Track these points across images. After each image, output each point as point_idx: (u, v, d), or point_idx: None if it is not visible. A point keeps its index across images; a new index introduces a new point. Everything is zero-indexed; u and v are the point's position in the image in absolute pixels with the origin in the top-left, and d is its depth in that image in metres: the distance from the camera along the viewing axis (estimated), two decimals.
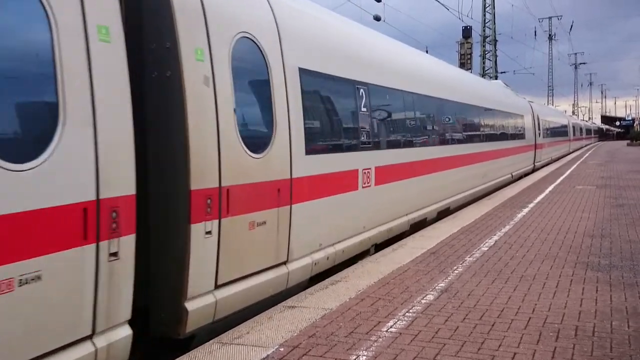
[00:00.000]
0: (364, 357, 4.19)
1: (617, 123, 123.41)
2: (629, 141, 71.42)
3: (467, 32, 37.93)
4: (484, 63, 43.22)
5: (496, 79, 39.93)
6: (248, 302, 5.45)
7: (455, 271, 6.74)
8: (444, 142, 11.87)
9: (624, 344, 4.39)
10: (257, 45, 5.68)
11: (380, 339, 4.55)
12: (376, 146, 8.41)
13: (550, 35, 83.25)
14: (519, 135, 20.96)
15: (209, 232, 4.81)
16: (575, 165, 27.52)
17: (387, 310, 5.29)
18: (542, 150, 26.58)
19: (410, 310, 5.27)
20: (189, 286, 4.67)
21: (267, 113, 5.86)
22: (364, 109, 7.98)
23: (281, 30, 6.12)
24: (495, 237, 8.85)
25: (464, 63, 37.10)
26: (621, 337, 4.54)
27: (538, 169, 25.29)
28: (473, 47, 38.82)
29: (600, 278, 6.36)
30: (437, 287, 6.05)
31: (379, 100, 8.65)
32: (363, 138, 7.97)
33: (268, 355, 4.23)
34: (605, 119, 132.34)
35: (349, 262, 7.49)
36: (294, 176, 6.11)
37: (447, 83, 13.03)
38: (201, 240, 4.75)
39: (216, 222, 4.89)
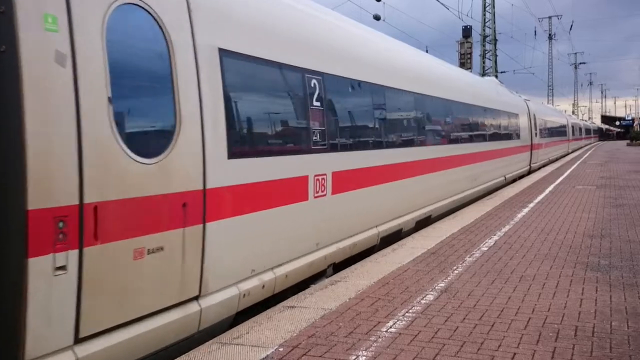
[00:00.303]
0: (364, 357, 4.19)
1: (617, 123, 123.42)
2: (628, 141, 71.45)
3: (467, 31, 37.92)
4: (484, 62, 43.22)
5: (496, 78, 39.93)
6: (136, 357, 4.17)
7: (455, 271, 6.74)
8: (423, 143, 10.45)
9: (624, 344, 4.39)
10: (152, 16, 4.38)
11: (380, 339, 4.55)
12: (333, 148, 7.07)
13: (550, 34, 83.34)
14: (513, 135, 19.67)
15: (61, 268, 3.56)
16: (575, 165, 27.52)
17: (387, 310, 5.29)
18: (538, 151, 25.53)
19: (410, 311, 5.27)
20: (28, 344, 3.42)
21: (166, 104, 4.49)
22: (316, 103, 6.65)
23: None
24: (495, 237, 8.85)
25: (464, 62, 37.09)
26: (621, 338, 4.53)
27: (534, 170, 24.44)
28: (473, 47, 38.80)
29: (600, 278, 6.36)
30: (437, 287, 6.05)
31: (339, 94, 7.41)
32: (315, 138, 6.63)
33: (267, 356, 4.23)
34: (605, 119, 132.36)
35: (300, 286, 6.39)
36: (209, 186, 4.77)
37: (428, 77, 11.56)
38: (47, 279, 3.50)
39: (75, 252, 3.65)
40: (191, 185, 4.60)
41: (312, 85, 6.62)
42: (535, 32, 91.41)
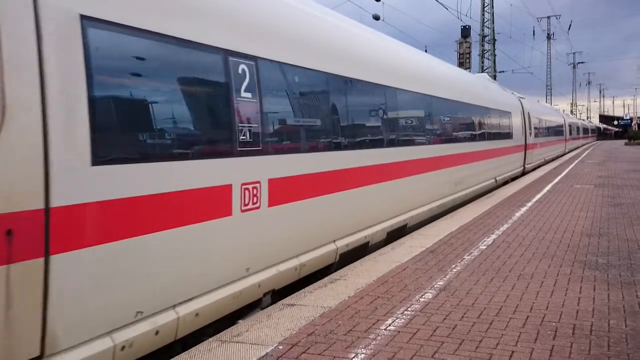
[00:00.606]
0: (363, 355, 4.21)
1: (615, 122, 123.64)
2: (627, 140, 71.56)
3: (465, 31, 37.98)
4: (482, 62, 43.28)
5: (495, 78, 39.95)
6: None
7: (454, 270, 6.77)
8: (394, 143, 9.14)
9: (622, 343, 4.41)
10: None
11: (379, 337, 4.57)
12: (270, 149, 5.76)
13: (548, 34, 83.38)
14: (504, 135, 18.33)
15: None
16: (573, 165, 27.56)
17: (386, 308, 5.31)
18: (533, 151, 24.33)
19: (409, 309, 5.29)
20: None
21: None
22: (246, 94, 5.35)
23: None
24: (494, 236, 8.87)
25: (463, 62, 37.14)
26: (619, 336, 4.56)
27: (529, 171, 23.18)
28: (472, 47, 38.86)
29: (598, 277, 6.39)
30: (435, 286, 6.07)
31: (279, 83, 6.14)
32: (243, 137, 5.30)
33: (267, 353, 4.24)
34: (604, 118, 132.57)
35: (220, 324, 5.14)
36: (57, 204, 3.50)
37: (403, 69, 10.05)
38: None
39: None
40: (21, 204, 3.30)
41: (241, 71, 5.32)
42: (533, 31, 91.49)
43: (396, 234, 9.15)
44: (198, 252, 4.75)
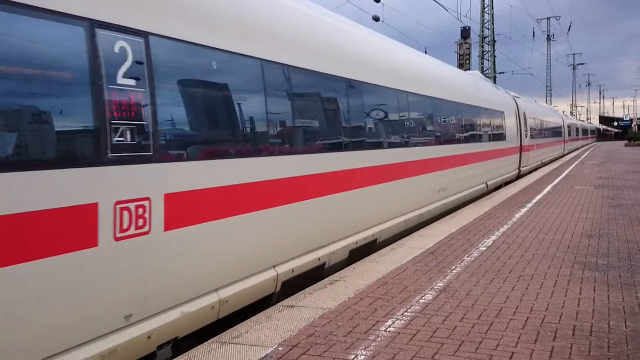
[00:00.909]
0: (363, 357, 4.20)
1: (615, 123, 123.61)
2: (626, 141, 71.57)
3: (465, 32, 38.02)
4: (482, 63, 43.28)
5: (494, 79, 39.98)
6: None
7: (454, 271, 6.76)
8: (358, 146, 7.91)
9: (622, 344, 4.41)
10: None
11: (379, 339, 4.56)
12: (166, 154, 4.45)
13: (548, 35, 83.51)
14: (496, 136, 17.14)
15: None
16: (572, 166, 27.57)
17: (386, 309, 5.31)
18: (529, 153, 23.28)
19: (409, 310, 5.29)
20: None
21: None
22: (127, 81, 4.05)
23: None
24: (494, 237, 8.87)
25: (463, 63, 37.18)
26: (619, 337, 4.55)
27: (524, 174, 22.17)
28: (472, 48, 38.90)
29: (598, 278, 6.38)
30: (435, 287, 6.07)
31: (184, 67, 4.81)
32: (121, 139, 3.97)
33: (267, 355, 4.24)
34: (603, 119, 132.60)
35: None
36: None
37: (364, 56, 8.59)
38: None
39: None
40: None
41: (117, 49, 4.03)
42: (533, 33, 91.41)
43: (364, 251, 8.06)
44: (43, 298, 3.52)
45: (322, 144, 7.12)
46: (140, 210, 4.18)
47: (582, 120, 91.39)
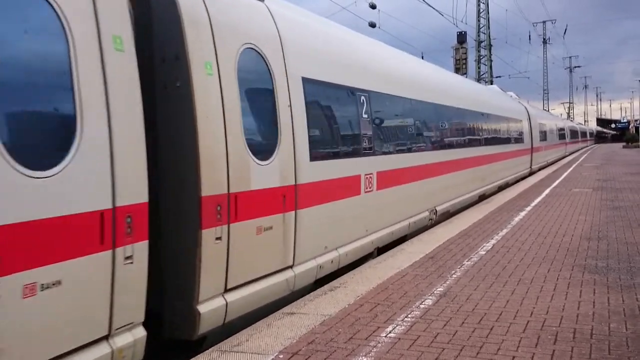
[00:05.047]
0: None
1: (613, 125, 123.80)
2: (624, 143, 71.67)
3: (461, 37, 38.10)
4: (479, 68, 43.41)
5: (491, 83, 40.09)
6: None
7: (454, 275, 6.76)
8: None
9: (622, 346, 4.41)
10: None
11: (380, 345, 4.56)
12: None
13: (544, 39, 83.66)
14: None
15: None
16: (571, 168, 27.60)
17: (386, 315, 5.30)
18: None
19: (409, 315, 5.29)
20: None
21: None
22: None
23: None
24: (493, 241, 8.87)
25: (459, 68, 37.25)
26: (619, 339, 4.55)
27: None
28: (468, 52, 38.98)
29: (598, 280, 6.39)
30: (435, 292, 6.06)
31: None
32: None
33: None
34: (601, 122, 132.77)
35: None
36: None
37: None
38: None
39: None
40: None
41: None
42: (529, 36, 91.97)
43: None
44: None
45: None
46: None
47: (580, 123, 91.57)
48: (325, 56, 7.31)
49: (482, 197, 15.40)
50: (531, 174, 24.25)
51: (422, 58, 23.28)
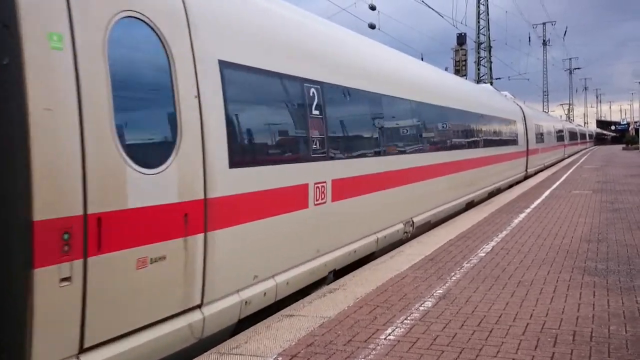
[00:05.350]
0: None
1: (613, 127, 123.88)
2: (624, 145, 71.70)
3: (461, 38, 38.12)
4: (478, 69, 43.44)
5: (491, 84, 40.11)
6: None
7: (453, 278, 6.75)
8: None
9: (622, 349, 4.40)
10: None
11: (379, 347, 4.55)
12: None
13: (544, 40, 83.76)
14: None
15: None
16: (571, 170, 27.60)
17: (385, 317, 5.29)
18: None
19: (409, 318, 5.27)
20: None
21: None
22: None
23: None
24: (493, 243, 8.86)
25: (459, 70, 37.27)
26: (619, 342, 4.54)
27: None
28: (468, 54, 39.01)
29: (598, 283, 6.37)
30: (435, 294, 6.05)
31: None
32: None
33: None
34: (601, 124, 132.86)
35: None
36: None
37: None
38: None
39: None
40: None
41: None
42: (529, 38, 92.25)
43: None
44: None
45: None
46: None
47: (580, 125, 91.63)
48: (258, 36, 5.82)
49: (470, 205, 14.07)
50: (527, 177, 23.34)
51: (422, 59, 23.23)
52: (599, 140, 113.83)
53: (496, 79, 45.54)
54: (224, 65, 5.08)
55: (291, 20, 6.91)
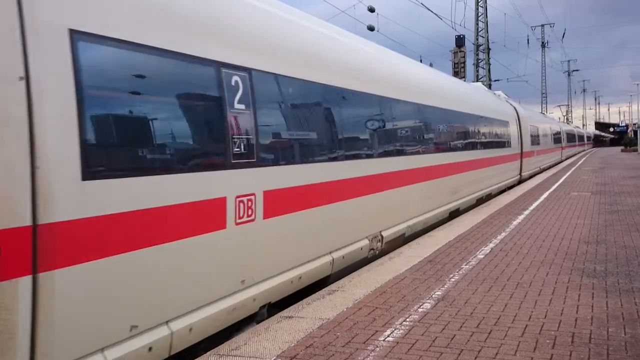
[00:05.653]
0: None
1: (611, 129, 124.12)
2: (623, 147, 71.81)
3: (460, 41, 38.14)
4: (477, 71, 43.48)
5: (490, 87, 40.15)
6: None
7: (452, 279, 6.75)
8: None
9: (621, 350, 4.40)
10: None
11: (378, 349, 4.55)
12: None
13: (543, 43, 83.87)
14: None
15: None
16: (570, 172, 27.62)
17: (384, 319, 5.29)
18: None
19: (407, 319, 5.28)
20: None
21: None
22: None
23: None
24: (491, 245, 8.87)
25: (458, 72, 37.30)
26: (618, 344, 4.55)
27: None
28: (466, 56, 39.03)
29: (596, 284, 6.38)
30: (433, 296, 6.05)
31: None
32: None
33: None
34: (599, 126, 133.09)
35: None
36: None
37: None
38: None
39: None
40: None
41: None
42: (528, 40, 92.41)
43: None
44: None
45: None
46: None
47: (578, 127, 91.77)
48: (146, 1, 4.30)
49: (455, 213, 12.74)
50: (521, 182, 22.14)
51: (421, 61, 23.26)
52: (598, 142, 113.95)
53: (495, 80, 45.60)
54: (79, 36, 3.66)
55: None
